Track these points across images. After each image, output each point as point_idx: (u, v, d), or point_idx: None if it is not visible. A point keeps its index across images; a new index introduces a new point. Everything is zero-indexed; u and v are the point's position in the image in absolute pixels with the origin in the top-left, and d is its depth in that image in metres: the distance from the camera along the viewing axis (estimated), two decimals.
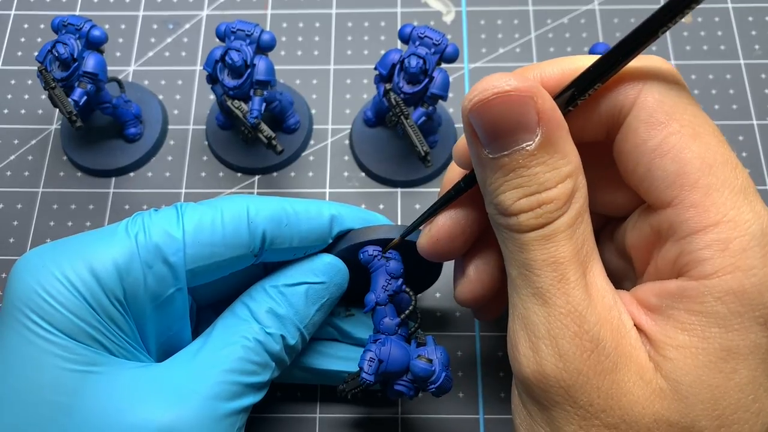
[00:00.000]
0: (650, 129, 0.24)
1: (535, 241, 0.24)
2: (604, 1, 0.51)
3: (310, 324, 0.33)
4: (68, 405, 0.27)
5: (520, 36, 0.50)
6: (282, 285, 0.33)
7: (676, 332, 0.24)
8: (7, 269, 0.44)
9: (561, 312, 0.24)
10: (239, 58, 0.40)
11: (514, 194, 0.24)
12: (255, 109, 0.41)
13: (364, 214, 0.35)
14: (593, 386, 0.24)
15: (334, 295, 0.34)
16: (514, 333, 0.26)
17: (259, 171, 0.46)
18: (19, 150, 0.48)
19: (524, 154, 0.24)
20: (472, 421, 0.40)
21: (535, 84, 0.24)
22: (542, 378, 0.24)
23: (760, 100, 0.47)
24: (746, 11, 0.50)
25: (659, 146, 0.24)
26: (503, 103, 0.23)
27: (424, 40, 0.40)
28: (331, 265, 0.34)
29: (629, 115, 0.25)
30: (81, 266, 0.29)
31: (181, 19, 0.51)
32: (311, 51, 0.50)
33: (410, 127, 0.40)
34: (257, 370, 0.31)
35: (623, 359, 0.24)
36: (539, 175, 0.24)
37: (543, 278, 0.24)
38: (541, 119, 0.24)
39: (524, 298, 0.25)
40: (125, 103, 0.45)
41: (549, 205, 0.24)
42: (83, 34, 0.41)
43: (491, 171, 0.25)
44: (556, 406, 0.24)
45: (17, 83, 0.50)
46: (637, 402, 0.23)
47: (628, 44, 0.23)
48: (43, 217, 0.45)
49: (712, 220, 0.23)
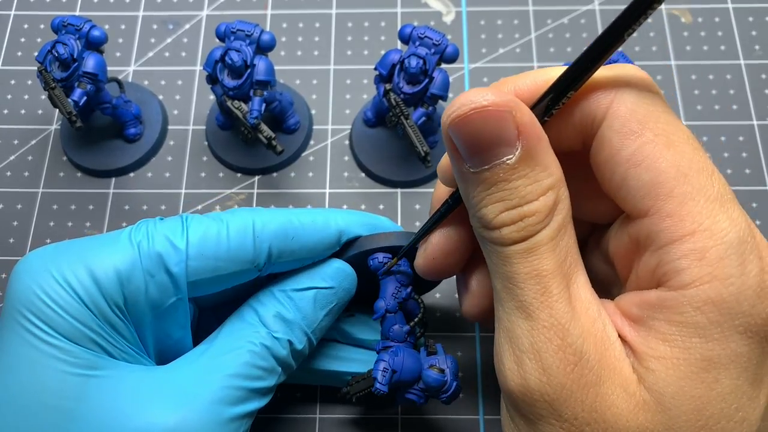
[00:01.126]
0: (623, 138, 0.24)
1: (518, 254, 0.24)
2: (604, 2, 0.51)
3: (317, 329, 0.33)
4: (71, 409, 0.27)
5: (520, 36, 0.50)
6: (290, 290, 0.33)
7: (658, 343, 0.23)
8: (7, 269, 0.44)
9: (544, 325, 0.24)
10: (239, 59, 0.40)
11: (496, 208, 0.24)
12: (255, 110, 0.41)
13: (372, 221, 0.35)
14: (577, 400, 0.24)
15: (342, 300, 0.34)
16: (499, 346, 0.26)
17: (259, 171, 0.46)
18: (19, 150, 0.48)
19: (505, 167, 0.24)
20: (472, 421, 0.40)
21: (513, 98, 0.24)
22: (527, 392, 0.24)
23: (760, 100, 0.47)
24: (746, 11, 0.50)
25: (633, 156, 0.24)
26: (481, 118, 0.23)
27: (424, 41, 0.40)
28: (340, 270, 0.34)
29: (602, 124, 0.25)
30: (82, 271, 0.29)
31: (181, 19, 0.51)
32: (311, 51, 0.50)
33: (410, 127, 0.40)
34: (263, 375, 0.30)
35: (607, 372, 0.24)
36: (520, 189, 0.24)
37: (526, 291, 0.24)
38: (520, 132, 0.23)
39: (508, 312, 0.25)
40: (125, 104, 0.45)
41: (531, 218, 0.24)
42: (83, 34, 0.41)
43: (473, 185, 0.25)
44: (541, 419, 0.24)
45: (17, 83, 0.50)
46: (622, 415, 0.23)
47: (596, 49, 0.23)
48: (43, 217, 0.45)
49: (688, 229, 0.23)
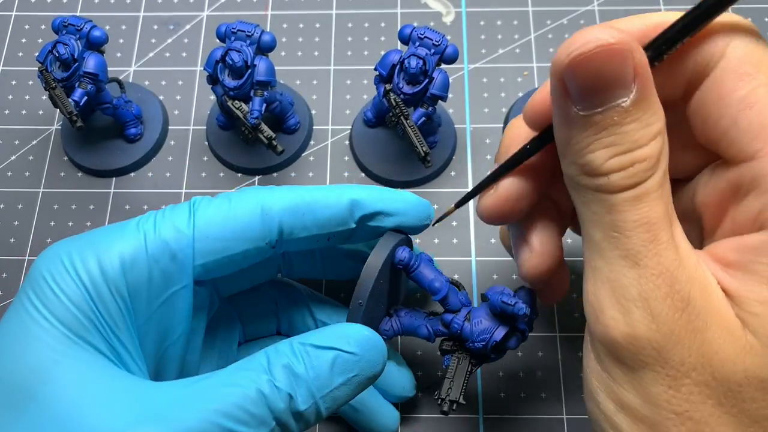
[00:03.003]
0: (738, 80, 0.24)
1: (627, 202, 0.24)
2: (604, 2, 0.51)
3: (329, 396, 0.29)
4: (34, 391, 0.27)
5: (519, 37, 0.50)
6: (310, 344, 0.30)
7: (761, 287, 0.23)
8: (8, 269, 0.44)
9: (653, 273, 0.24)
10: (240, 59, 0.40)
11: (606, 153, 0.24)
12: (255, 110, 0.41)
13: (386, 194, 0.34)
14: (685, 345, 0.23)
15: (364, 373, 0.30)
16: (597, 298, 0.25)
17: (259, 171, 0.46)
18: (19, 150, 0.48)
19: (619, 111, 0.23)
20: (472, 421, 0.40)
21: (631, 38, 0.23)
22: (633, 340, 0.24)
23: None
24: (746, 11, 0.50)
25: (746, 97, 0.24)
26: (604, 56, 0.23)
27: (424, 41, 0.40)
28: (367, 339, 0.30)
29: (717, 66, 0.25)
30: (90, 257, 0.29)
31: (181, 19, 0.51)
32: (311, 52, 0.50)
33: (410, 127, 0.40)
34: (251, 422, 0.27)
35: (713, 317, 0.24)
36: (632, 133, 0.23)
37: (634, 240, 0.24)
38: (637, 74, 0.23)
39: (611, 261, 0.24)
40: (126, 104, 0.45)
41: (642, 163, 0.23)
42: (83, 34, 0.42)
43: (580, 129, 0.24)
44: (645, 367, 0.24)
45: (18, 84, 0.50)
46: (728, 359, 0.23)
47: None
48: (43, 217, 0.45)
49: None
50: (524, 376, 0.41)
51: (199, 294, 0.33)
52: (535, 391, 0.40)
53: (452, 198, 0.45)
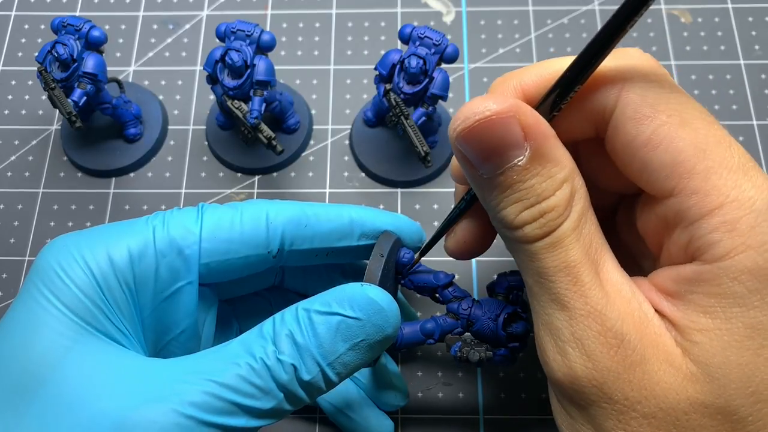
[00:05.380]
0: (638, 124, 0.25)
1: (544, 250, 0.25)
2: (604, 2, 0.51)
3: (338, 362, 0.28)
4: (44, 376, 0.27)
5: (520, 36, 0.50)
6: (314, 310, 0.29)
7: (699, 316, 0.24)
8: (7, 269, 0.44)
9: (581, 314, 0.24)
10: (239, 59, 0.40)
11: (515, 208, 0.25)
12: (255, 110, 0.41)
13: (384, 214, 0.36)
14: (625, 380, 0.24)
15: (371, 338, 0.29)
16: (540, 339, 0.26)
17: (259, 171, 0.46)
18: (19, 150, 0.48)
19: (517, 169, 0.24)
20: (472, 421, 0.40)
21: (514, 101, 0.24)
22: (574, 380, 0.25)
23: (760, 100, 0.47)
24: (746, 11, 0.50)
25: (650, 140, 0.24)
26: (486, 127, 0.24)
27: (424, 41, 0.40)
28: (372, 301, 0.29)
29: (614, 113, 0.25)
30: (99, 249, 0.30)
31: (181, 19, 0.51)
32: (311, 51, 0.50)
33: (410, 127, 0.40)
34: (256, 394, 0.27)
35: (650, 349, 0.24)
36: (536, 187, 0.24)
37: (558, 284, 0.25)
38: (527, 134, 0.24)
39: (544, 305, 0.26)
40: (125, 104, 0.45)
41: (551, 213, 0.24)
42: (83, 34, 0.42)
43: (489, 190, 0.25)
44: (592, 404, 0.25)
45: (18, 84, 0.50)
46: (671, 389, 0.24)
47: (599, 42, 0.24)
48: (43, 217, 0.45)
49: (716, 202, 0.23)
50: (524, 376, 0.41)
51: (206, 293, 0.33)
52: (535, 391, 0.40)
53: (452, 198, 0.45)
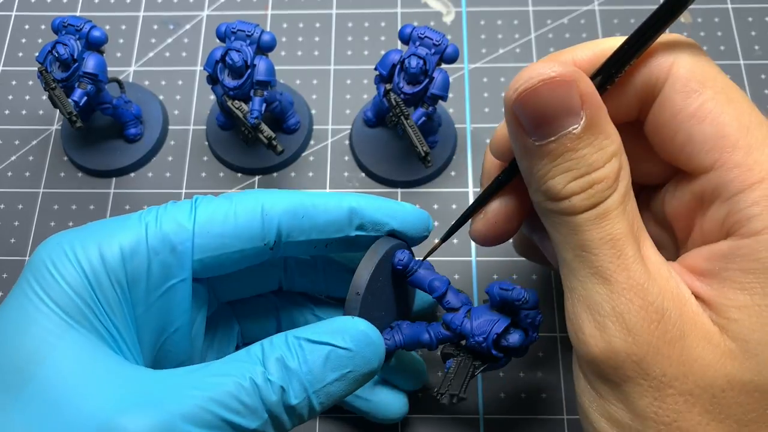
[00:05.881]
0: (687, 97, 0.25)
1: (590, 222, 0.25)
2: (604, 2, 0.51)
3: (323, 392, 0.29)
4: (31, 372, 0.27)
5: (520, 36, 0.50)
6: (305, 339, 0.29)
7: (735, 293, 0.24)
8: (8, 269, 0.44)
9: (623, 287, 0.24)
10: (239, 59, 0.40)
11: (564, 178, 0.25)
12: (255, 110, 0.41)
13: (386, 204, 0.34)
14: (664, 356, 0.24)
15: (359, 370, 0.29)
16: (575, 316, 0.26)
17: (259, 171, 0.46)
18: (20, 150, 0.48)
19: (571, 137, 0.24)
20: (472, 422, 0.40)
21: (575, 68, 0.24)
22: (612, 355, 0.25)
23: (760, 100, 0.47)
24: (746, 11, 0.50)
25: (697, 112, 0.25)
26: (549, 89, 0.24)
27: (424, 41, 0.40)
28: (363, 334, 0.30)
29: (664, 86, 0.26)
30: (91, 246, 0.29)
31: (181, 19, 0.51)
32: (311, 51, 0.50)
33: (410, 127, 0.40)
34: (243, 412, 0.27)
35: (689, 326, 0.24)
36: (587, 157, 0.25)
37: (601, 257, 0.25)
38: (584, 102, 0.24)
39: (583, 280, 0.26)
40: (125, 104, 0.45)
41: (600, 184, 0.25)
42: (83, 34, 0.42)
43: (538, 158, 0.25)
44: (628, 381, 0.25)
45: (18, 84, 0.50)
46: (709, 366, 0.24)
47: (656, 19, 0.24)
48: (43, 217, 0.45)
49: (757, 177, 0.24)
50: (524, 376, 0.41)
51: (198, 291, 0.33)
52: (535, 391, 0.40)
53: (452, 198, 0.45)
